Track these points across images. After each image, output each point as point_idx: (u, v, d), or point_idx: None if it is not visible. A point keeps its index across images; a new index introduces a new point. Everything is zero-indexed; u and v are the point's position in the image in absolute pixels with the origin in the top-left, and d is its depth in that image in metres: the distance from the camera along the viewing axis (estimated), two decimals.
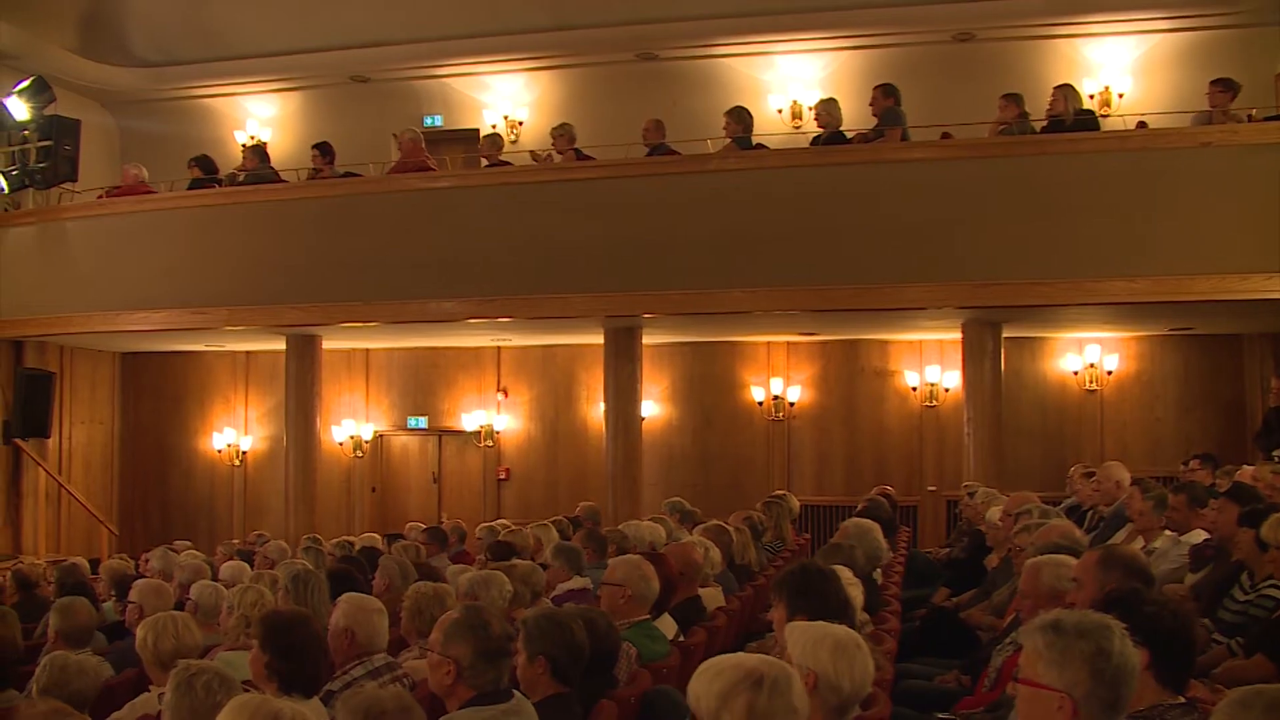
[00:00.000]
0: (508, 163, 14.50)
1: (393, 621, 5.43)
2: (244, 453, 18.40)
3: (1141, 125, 13.08)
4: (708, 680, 3.03)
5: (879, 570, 7.44)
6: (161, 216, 15.26)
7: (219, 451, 18.47)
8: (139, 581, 7.63)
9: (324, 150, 14.93)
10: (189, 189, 15.35)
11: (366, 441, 17.87)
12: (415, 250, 13.76)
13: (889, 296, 12.58)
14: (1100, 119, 13.45)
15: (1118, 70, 15.45)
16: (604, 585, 5.86)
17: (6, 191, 16.28)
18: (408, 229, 13.87)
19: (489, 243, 13.51)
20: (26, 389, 16.16)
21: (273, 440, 17.92)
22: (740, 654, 3.21)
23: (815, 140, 13.28)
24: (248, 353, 18.19)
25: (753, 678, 2.98)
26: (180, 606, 6.57)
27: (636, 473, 14.43)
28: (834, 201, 12.66)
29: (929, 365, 15.86)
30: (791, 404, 16.28)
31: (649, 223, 13.06)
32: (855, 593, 5.15)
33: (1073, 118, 12.34)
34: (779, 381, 16.31)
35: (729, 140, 13.43)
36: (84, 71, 17.53)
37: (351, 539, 11.44)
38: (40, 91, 15.91)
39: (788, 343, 16.32)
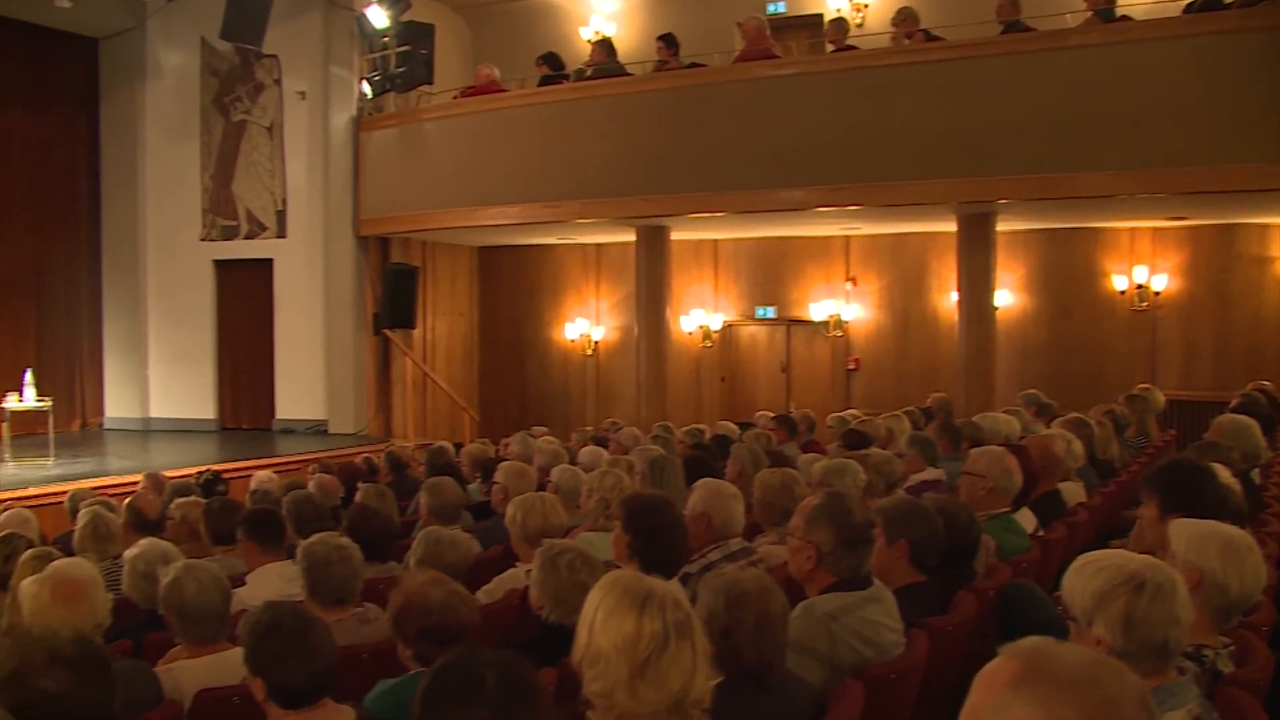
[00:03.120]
0: (854, 47, 14.17)
1: (745, 508, 5.43)
2: (596, 342, 18.91)
3: None
4: (1086, 577, 2.87)
5: (1257, 470, 6.96)
6: (513, 114, 15.69)
7: (572, 341, 19.05)
8: (504, 464, 7.92)
9: (669, 41, 14.96)
10: (539, 86, 15.70)
11: (715, 331, 18.03)
12: (762, 139, 13.67)
13: (1270, 177, 11.59)
14: None
15: None
16: (964, 475, 5.73)
17: (370, 97, 17.09)
18: (754, 118, 13.76)
19: (837, 129, 13.28)
20: (393, 283, 17.02)
21: (623, 330, 18.33)
22: (1122, 552, 3.01)
23: (1188, 8, 12.34)
24: (598, 245, 18.60)
25: (1134, 581, 2.79)
26: (540, 489, 6.77)
27: (989, 364, 14.06)
28: (1207, 75, 11.73)
29: None
30: (1157, 293, 15.44)
31: (1004, 104, 12.51)
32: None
33: None
34: (1143, 269, 15.49)
35: (1090, 13, 12.67)
36: None
37: (702, 426, 11.57)
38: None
39: (1153, 228, 15.43)
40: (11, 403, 13.69)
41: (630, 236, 15.91)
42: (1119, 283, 15.64)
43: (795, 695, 3.40)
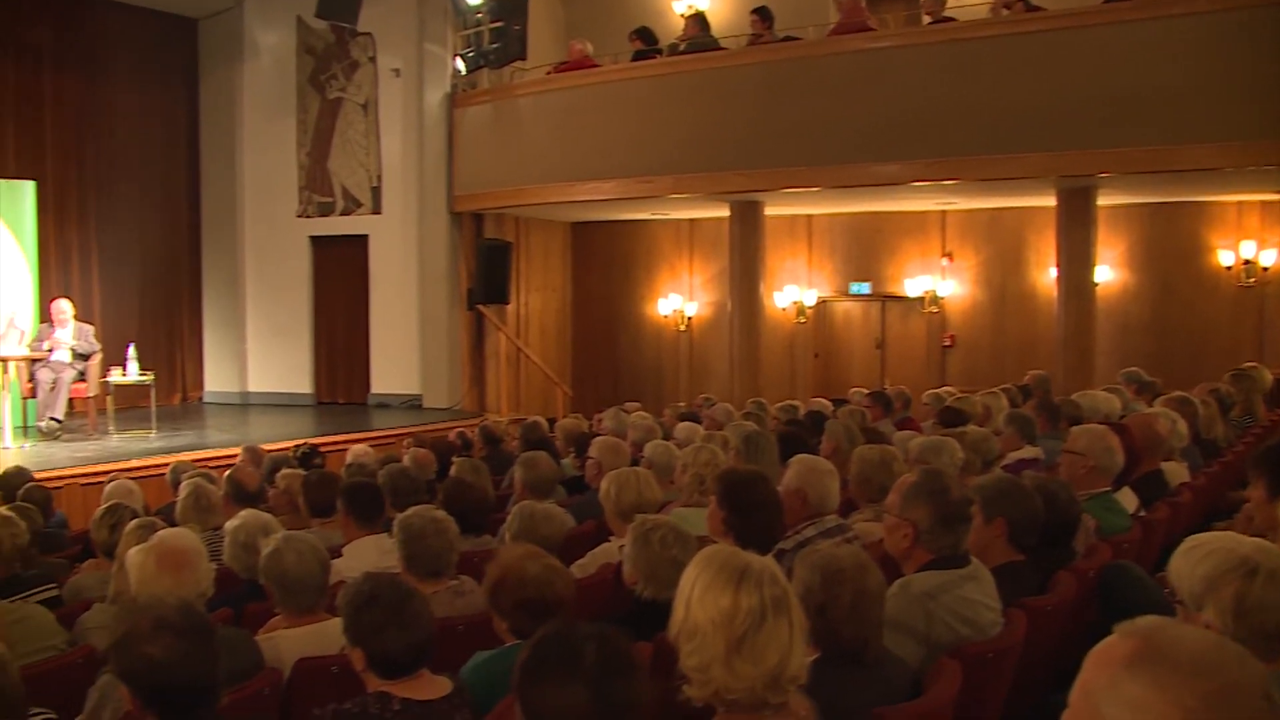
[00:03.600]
0: (951, 18, 13.95)
1: (840, 484, 5.39)
2: (689, 318, 18.90)
3: None
4: (1195, 560, 2.80)
5: None
6: (607, 89, 15.69)
7: (665, 317, 19.06)
8: (598, 439, 7.93)
9: (763, 15, 14.86)
10: (632, 61, 15.67)
11: (809, 307, 17.95)
12: (857, 113, 13.54)
13: None
14: None
15: None
16: (1065, 454, 5.64)
17: (464, 73, 17.16)
18: (849, 91, 13.64)
19: (933, 103, 13.09)
20: (487, 258, 17.11)
21: (717, 306, 18.30)
22: (1233, 535, 2.94)
23: None
24: (691, 220, 18.57)
25: (1247, 565, 2.72)
26: (634, 464, 6.76)
27: (1088, 341, 13.85)
28: None
29: None
30: (1265, 269, 15.07)
31: (1106, 75, 12.23)
32: None
33: None
34: (1251, 244, 15.12)
35: None
36: None
37: (796, 403, 11.51)
38: None
39: (1262, 201, 15.05)
40: (115, 376, 13.96)
41: (724, 212, 15.85)
42: (1225, 258, 15.29)
43: (892, 673, 3.37)
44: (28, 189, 15.34)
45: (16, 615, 4.62)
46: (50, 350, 13.55)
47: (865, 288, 17.66)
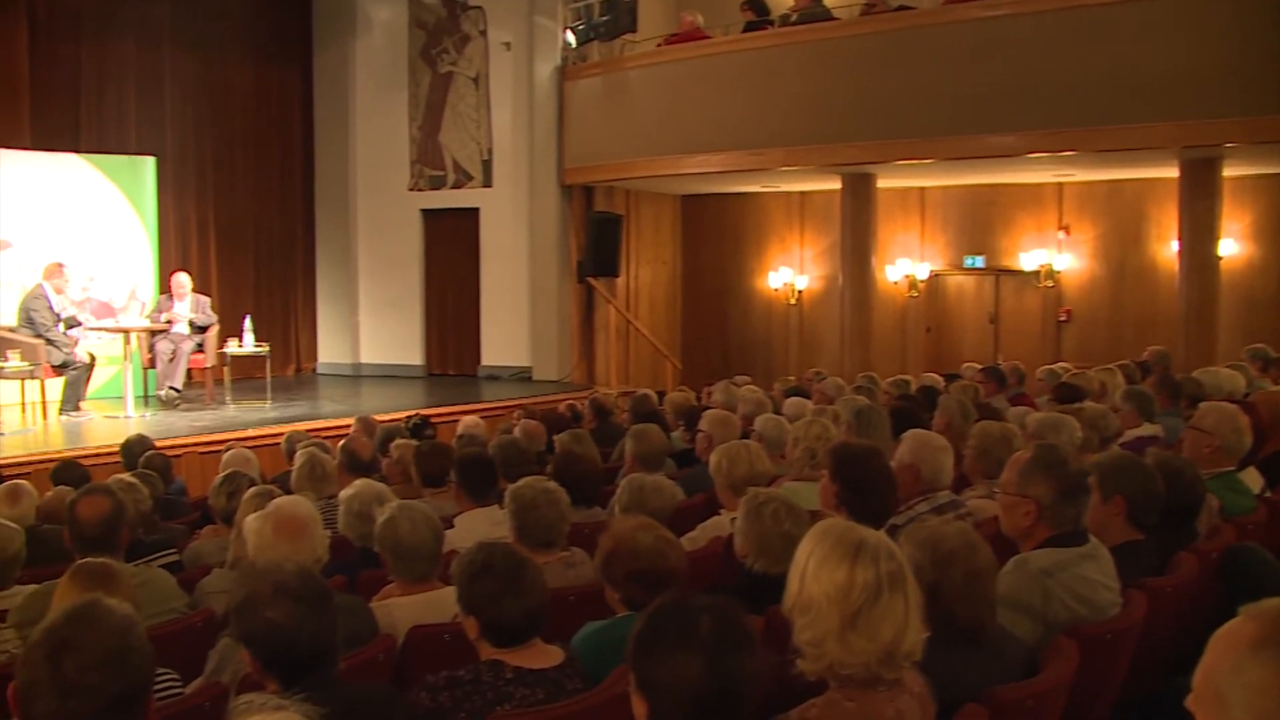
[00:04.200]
0: None
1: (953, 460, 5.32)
2: (800, 291, 18.79)
3: None
4: None
5: None
6: (718, 61, 15.60)
7: (775, 290, 18.97)
8: (709, 412, 7.91)
9: None
10: (743, 32, 15.57)
11: (922, 281, 17.78)
12: (972, 83, 13.31)
13: None
14: None
15: None
16: (1190, 430, 5.51)
17: (574, 46, 17.14)
18: (964, 61, 13.41)
19: (1050, 71, 12.82)
20: (597, 231, 17.15)
21: (828, 279, 18.17)
22: None
23: None
24: (802, 193, 18.44)
25: None
26: (744, 437, 6.73)
27: (1212, 316, 13.52)
28: None
29: None
30: None
31: (1234, 39, 11.90)
32: None
33: None
34: None
35: None
36: None
37: (907, 377, 11.40)
38: None
39: None
40: (232, 348, 14.22)
41: (835, 184, 15.71)
42: None
43: (1007, 651, 3.32)
44: (149, 165, 15.66)
45: (141, 579, 4.71)
46: (169, 322, 13.84)
47: (979, 261, 17.41)
